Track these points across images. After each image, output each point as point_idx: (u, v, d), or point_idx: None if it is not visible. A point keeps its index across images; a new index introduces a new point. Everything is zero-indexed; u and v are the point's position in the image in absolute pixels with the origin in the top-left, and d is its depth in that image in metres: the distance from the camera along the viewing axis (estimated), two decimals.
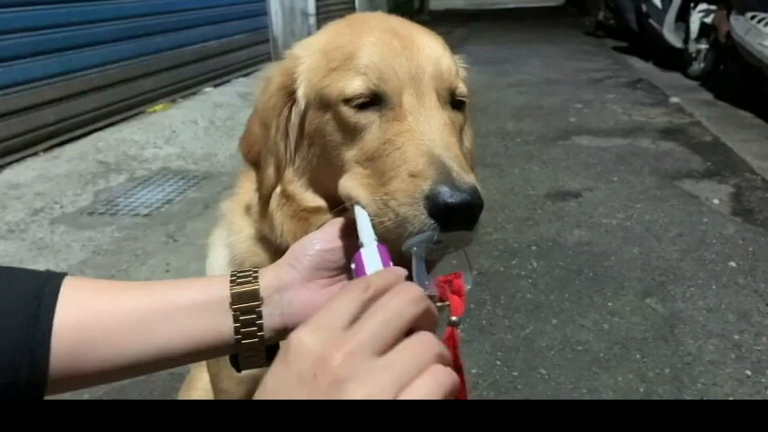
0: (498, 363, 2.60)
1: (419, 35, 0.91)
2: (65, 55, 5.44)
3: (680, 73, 8.47)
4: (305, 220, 0.91)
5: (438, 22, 15.09)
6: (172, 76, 7.04)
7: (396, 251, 0.77)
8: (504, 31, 14.05)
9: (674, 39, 8.63)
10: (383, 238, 0.78)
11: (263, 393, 0.56)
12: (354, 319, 0.56)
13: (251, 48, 8.87)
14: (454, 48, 0.98)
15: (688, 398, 2.38)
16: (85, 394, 2.37)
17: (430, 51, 0.89)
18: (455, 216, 0.75)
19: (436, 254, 0.78)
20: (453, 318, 0.70)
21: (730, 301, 3.02)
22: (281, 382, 0.54)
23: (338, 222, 0.86)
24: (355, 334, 0.54)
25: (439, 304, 0.72)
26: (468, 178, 0.77)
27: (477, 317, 2.90)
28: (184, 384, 1.67)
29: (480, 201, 0.76)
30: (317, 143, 0.91)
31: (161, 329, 0.77)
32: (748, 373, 2.52)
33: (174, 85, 7.08)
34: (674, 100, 7.11)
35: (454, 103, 0.91)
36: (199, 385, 1.47)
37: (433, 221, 0.75)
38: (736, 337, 2.75)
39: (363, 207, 0.81)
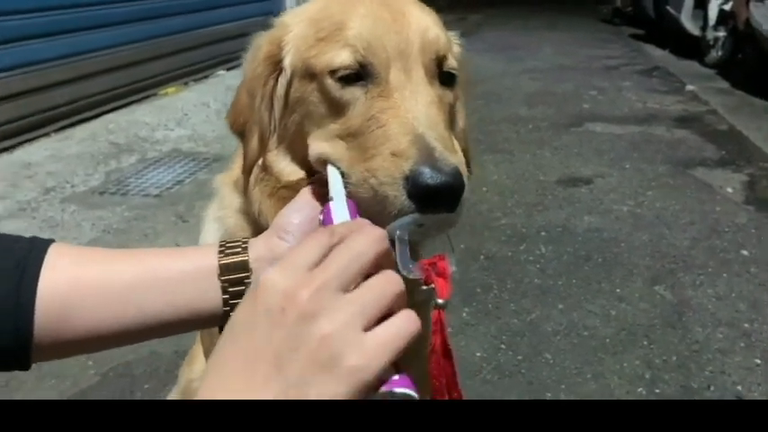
0: (503, 346, 2.59)
1: (410, 8, 0.89)
2: (78, 36, 5.45)
3: (697, 61, 8.36)
4: (284, 199, 0.87)
5: (452, 7, 14.94)
6: (185, 58, 7.03)
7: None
8: (519, 18, 13.91)
9: (691, 26, 8.52)
10: (364, 215, 0.76)
11: (230, 330, 0.57)
12: (320, 261, 0.57)
13: (265, 31, 8.83)
14: (468, 34, 0.95)
15: (695, 385, 2.36)
16: (91, 369, 2.40)
17: (419, 24, 0.86)
18: (436, 198, 0.73)
19: (418, 237, 0.76)
20: (440, 300, 0.69)
21: (741, 290, 2.99)
22: (249, 318, 0.55)
23: (313, 189, 0.84)
24: (322, 272, 0.56)
25: (424, 287, 0.70)
26: (452, 159, 0.74)
27: (484, 301, 2.89)
28: (186, 359, 1.67)
29: (462, 182, 0.73)
30: (299, 111, 0.89)
31: (149, 298, 0.76)
32: (758, 361, 2.49)
33: (186, 67, 7.08)
34: (689, 88, 7.02)
35: (444, 78, 0.88)
36: (200, 358, 1.47)
37: (412, 203, 0.73)
38: (746, 325, 2.72)
39: (337, 168, 0.81)
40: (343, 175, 0.80)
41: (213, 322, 0.80)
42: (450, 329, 2.80)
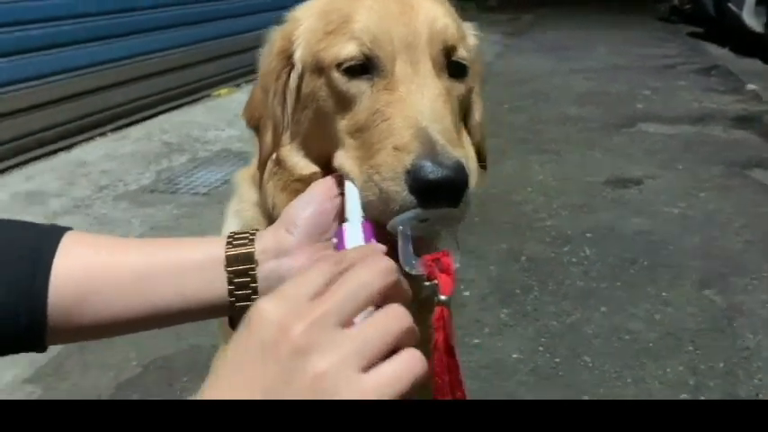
0: (541, 348, 2.54)
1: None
2: (134, 39, 5.63)
3: (759, 59, 8.03)
4: (297, 192, 0.86)
5: (505, 8, 14.81)
6: (237, 60, 7.16)
7: (381, 227, 0.75)
8: (571, 17, 13.66)
9: (754, 23, 8.19)
10: (369, 213, 0.76)
11: (225, 363, 0.53)
12: (323, 290, 0.54)
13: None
14: (519, 33, 0.93)
15: (742, 393, 2.27)
16: (133, 361, 2.47)
17: (427, 15, 0.84)
18: (437, 193, 0.71)
19: (423, 232, 0.75)
20: (442, 297, 0.66)
21: None
22: (243, 352, 0.52)
23: (325, 182, 0.84)
24: (320, 304, 0.52)
25: (427, 284, 0.68)
26: (454, 153, 0.73)
27: (523, 302, 2.85)
28: (217, 353, 1.70)
29: (465, 177, 0.72)
30: (310, 107, 0.89)
31: (157, 287, 0.77)
32: None
33: (238, 69, 7.20)
34: (750, 87, 6.76)
35: (453, 69, 0.86)
36: None
37: (413, 198, 0.72)
38: None
39: (354, 182, 0.79)
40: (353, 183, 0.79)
41: (220, 312, 0.81)
42: (487, 330, 2.74)
